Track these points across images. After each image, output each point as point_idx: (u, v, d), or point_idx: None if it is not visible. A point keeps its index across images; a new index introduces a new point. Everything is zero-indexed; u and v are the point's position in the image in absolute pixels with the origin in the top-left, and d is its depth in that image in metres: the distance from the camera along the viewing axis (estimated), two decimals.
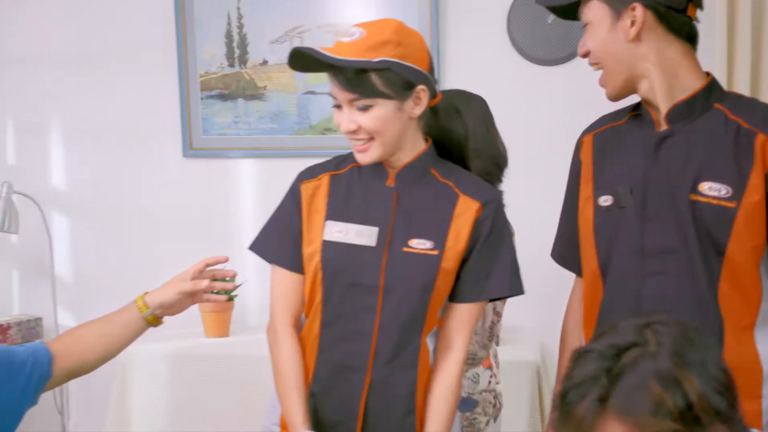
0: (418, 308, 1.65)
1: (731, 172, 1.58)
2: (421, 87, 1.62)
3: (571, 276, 1.88)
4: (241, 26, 3.23)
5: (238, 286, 2.26)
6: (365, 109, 1.59)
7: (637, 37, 1.61)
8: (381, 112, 1.59)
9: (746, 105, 1.67)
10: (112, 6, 3.35)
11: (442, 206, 1.67)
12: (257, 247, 1.79)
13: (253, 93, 3.25)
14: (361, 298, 1.65)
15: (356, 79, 1.57)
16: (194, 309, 2.21)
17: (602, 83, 1.70)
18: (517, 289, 1.72)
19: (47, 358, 1.66)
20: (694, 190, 1.59)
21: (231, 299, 2.97)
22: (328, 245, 1.67)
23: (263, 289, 1.97)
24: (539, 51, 3.09)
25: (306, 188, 1.73)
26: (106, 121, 3.39)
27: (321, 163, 1.78)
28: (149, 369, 2.93)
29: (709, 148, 1.60)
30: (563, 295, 1.91)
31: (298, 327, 1.75)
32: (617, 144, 1.73)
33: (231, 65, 3.24)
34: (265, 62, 3.23)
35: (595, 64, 1.69)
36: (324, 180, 1.73)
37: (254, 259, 1.80)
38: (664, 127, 1.64)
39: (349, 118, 1.61)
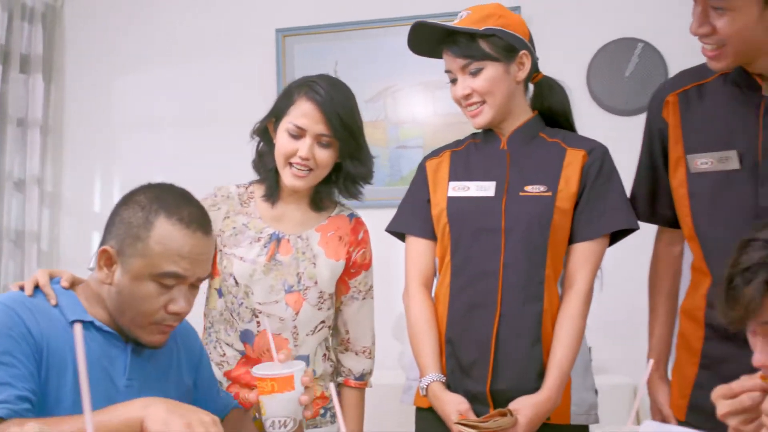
0: (538, 245, 1.80)
1: None
2: (523, 52, 1.86)
3: None
4: None
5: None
6: (477, 73, 1.83)
7: None
8: (490, 73, 1.83)
9: None
10: (214, 74, 3.66)
11: (552, 160, 1.85)
12: (392, 226, 1.99)
13: None
14: (486, 240, 1.81)
15: (467, 46, 1.83)
16: None
17: (716, 56, 1.66)
18: (631, 223, 1.83)
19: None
20: None
21: None
22: (452, 200, 1.87)
23: None
24: (617, 102, 3.32)
25: (430, 164, 1.97)
26: (205, 181, 3.60)
27: (442, 146, 2.00)
28: None
29: None
30: None
31: (431, 289, 1.92)
32: (710, 105, 1.75)
33: None
34: None
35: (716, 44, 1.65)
36: (445, 155, 1.96)
37: None
38: None
39: (463, 84, 1.85)
